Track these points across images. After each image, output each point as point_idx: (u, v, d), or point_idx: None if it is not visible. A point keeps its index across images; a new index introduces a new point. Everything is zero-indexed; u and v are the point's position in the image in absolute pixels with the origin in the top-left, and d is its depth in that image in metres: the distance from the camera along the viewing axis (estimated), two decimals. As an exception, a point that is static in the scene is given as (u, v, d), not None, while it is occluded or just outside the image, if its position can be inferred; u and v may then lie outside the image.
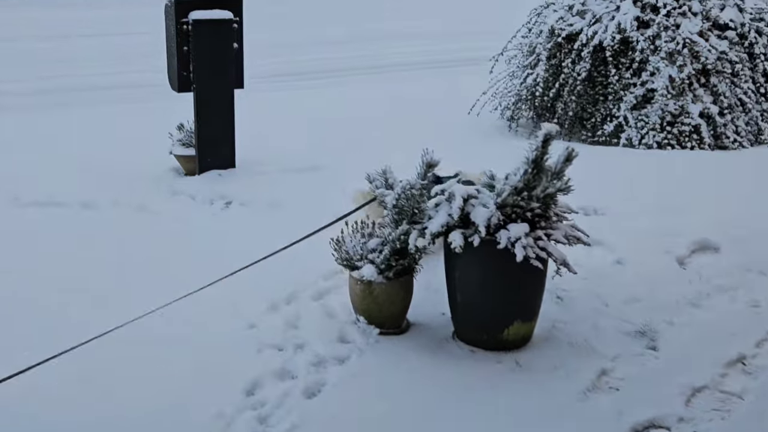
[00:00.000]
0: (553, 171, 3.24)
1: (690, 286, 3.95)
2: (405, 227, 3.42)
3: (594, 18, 6.75)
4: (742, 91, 6.37)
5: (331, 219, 5.20)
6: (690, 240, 4.44)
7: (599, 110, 6.81)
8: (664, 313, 3.69)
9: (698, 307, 3.76)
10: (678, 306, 3.76)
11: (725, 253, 4.32)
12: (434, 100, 8.54)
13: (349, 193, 4.51)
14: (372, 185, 3.74)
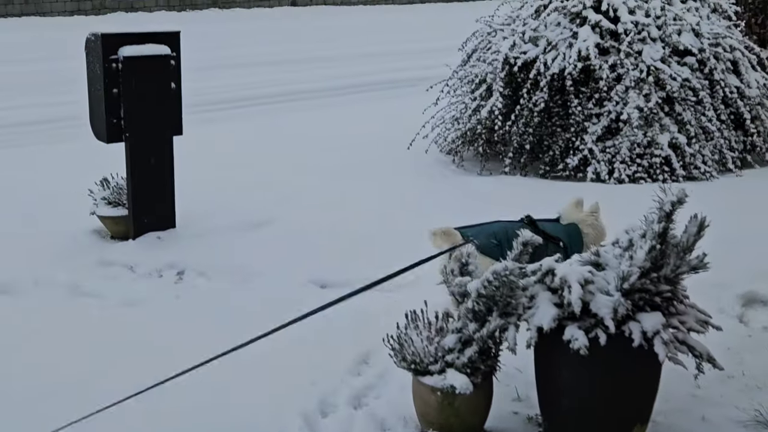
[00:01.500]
0: (683, 245, 2.67)
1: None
2: (499, 321, 2.74)
3: (549, 45, 6.34)
4: (707, 119, 6.14)
5: (314, 288, 4.57)
6: (736, 293, 4.03)
7: (557, 142, 6.40)
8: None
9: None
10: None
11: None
12: (371, 132, 7.92)
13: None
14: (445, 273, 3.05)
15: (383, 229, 5.17)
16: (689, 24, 6.27)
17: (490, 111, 6.36)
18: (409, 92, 9.90)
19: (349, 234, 5.10)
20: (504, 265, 2.71)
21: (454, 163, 6.86)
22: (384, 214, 5.47)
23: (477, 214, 5.47)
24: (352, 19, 19.78)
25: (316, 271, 4.61)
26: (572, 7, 6.40)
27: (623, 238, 2.81)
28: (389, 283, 4.38)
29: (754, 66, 6.54)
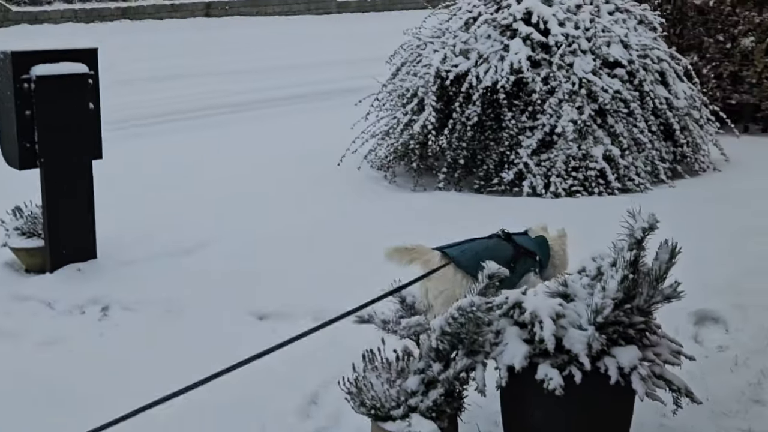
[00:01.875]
0: (655, 274, 2.55)
1: (739, 372, 3.44)
2: (466, 361, 2.56)
3: (480, 58, 6.23)
4: (638, 130, 6.15)
5: (252, 319, 4.30)
6: (687, 312, 3.97)
7: (491, 156, 6.30)
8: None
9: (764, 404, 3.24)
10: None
11: (732, 323, 3.89)
12: (300, 148, 7.70)
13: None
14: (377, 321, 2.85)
15: (319, 253, 4.95)
16: (618, 36, 6.27)
17: (422, 125, 6.21)
18: (335, 105, 9.69)
19: (285, 259, 4.86)
20: (470, 300, 2.53)
21: (387, 180, 6.69)
22: (319, 236, 5.26)
23: (414, 232, 5.33)
24: (270, 30, 19.45)
25: (252, 301, 4.35)
26: (502, 20, 6.32)
27: (590, 266, 2.68)
28: (332, 310, 4.21)
29: (681, 77, 6.59)
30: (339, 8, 24.54)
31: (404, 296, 2.76)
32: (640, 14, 6.78)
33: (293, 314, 4.24)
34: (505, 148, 6.20)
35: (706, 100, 6.82)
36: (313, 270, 4.64)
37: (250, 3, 22.86)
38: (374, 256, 4.74)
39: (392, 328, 2.70)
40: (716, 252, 4.68)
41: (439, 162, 6.48)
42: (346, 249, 5.00)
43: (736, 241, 4.92)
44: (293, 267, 4.74)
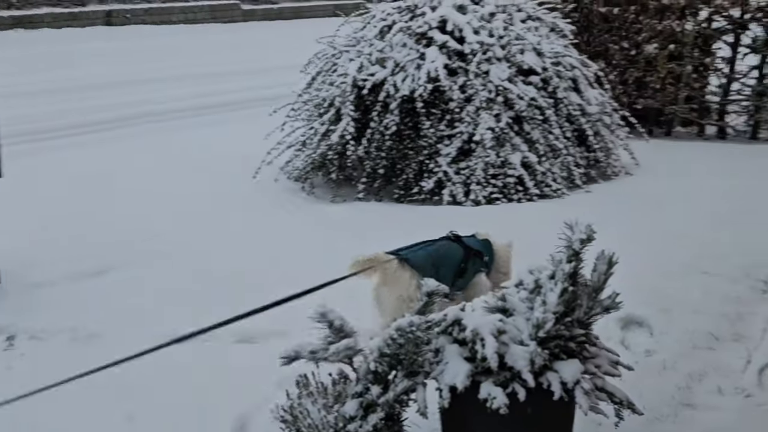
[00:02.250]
0: (594, 285, 2.51)
1: (668, 376, 3.46)
2: (406, 383, 2.46)
3: (397, 66, 6.17)
4: (554, 137, 6.21)
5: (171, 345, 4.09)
6: (614, 316, 3.98)
7: (410, 165, 6.25)
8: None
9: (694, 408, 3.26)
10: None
11: (657, 327, 3.93)
12: (213, 160, 7.45)
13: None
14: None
15: (240, 270, 4.76)
16: (531, 44, 6.32)
17: (341, 135, 6.11)
18: (249, 115, 9.46)
19: (202, 278, 4.66)
20: (409, 320, 2.43)
21: (305, 191, 6.54)
22: (238, 252, 5.08)
23: (336, 243, 5.23)
24: (177, 39, 18.95)
25: (169, 324, 4.13)
26: (417, 28, 6.28)
27: (528, 280, 2.62)
28: (254, 333, 4.06)
29: (592, 83, 6.70)
30: (245, 16, 24.16)
31: (332, 320, 2.63)
32: (551, 22, 6.86)
33: (214, 335, 4.05)
34: (424, 157, 6.16)
35: (617, 105, 6.95)
36: (231, 287, 4.46)
37: (153, 11, 22.26)
38: (293, 269, 4.63)
39: (322, 356, 2.57)
40: (637, 256, 4.73)
41: (358, 172, 6.38)
42: (264, 264, 4.84)
43: (655, 244, 5.00)
44: (210, 286, 4.55)
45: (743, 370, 3.49)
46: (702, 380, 3.43)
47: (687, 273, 4.55)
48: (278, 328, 4.02)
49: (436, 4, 6.41)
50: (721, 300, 4.21)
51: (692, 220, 5.48)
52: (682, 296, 4.27)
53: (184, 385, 3.55)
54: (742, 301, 4.19)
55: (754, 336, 3.80)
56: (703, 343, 3.76)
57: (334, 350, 2.49)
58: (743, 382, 3.39)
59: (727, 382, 3.40)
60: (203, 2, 23.57)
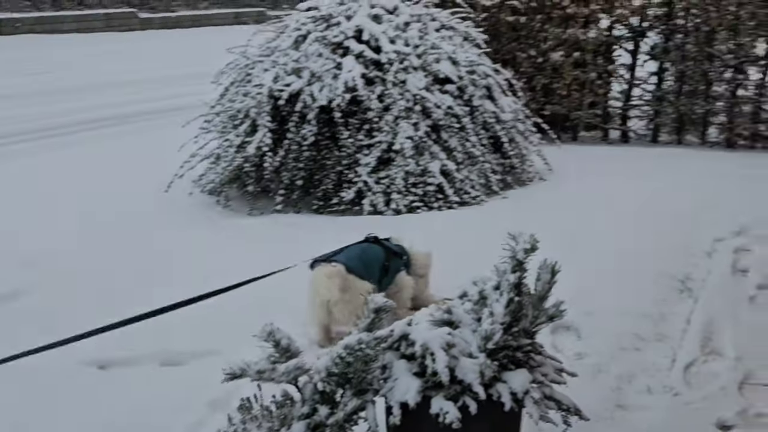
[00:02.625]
0: (539, 294, 2.53)
1: (600, 379, 3.53)
2: (356, 402, 2.41)
3: (313, 76, 6.12)
4: (471, 144, 6.28)
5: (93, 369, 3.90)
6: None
7: (329, 176, 6.20)
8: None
9: (626, 408, 3.34)
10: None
11: (583, 330, 4.00)
12: (124, 174, 7.22)
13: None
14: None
15: (154, 291, 4.58)
16: (446, 52, 6.38)
17: (257, 147, 6.00)
18: (158, 126, 9.21)
19: (115, 300, 4.45)
20: (358, 337, 2.38)
21: (220, 205, 6.39)
22: (151, 271, 4.89)
23: (255, 258, 5.12)
24: (71, 49, 18.28)
25: (88, 349, 3.94)
26: (333, 38, 6.24)
27: (472, 291, 2.62)
28: (180, 355, 3.92)
29: (505, 91, 6.82)
30: (142, 25, 23.57)
31: (279, 339, 2.55)
32: (464, 31, 6.95)
33: (139, 358, 3.91)
34: (343, 167, 6.12)
35: (529, 112, 7.09)
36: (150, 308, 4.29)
37: (44, 20, 21.41)
38: (214, 286, 4.51)
39: (270, 376, 2.49)
40: (558, 259, 4.84)
41: (276, 184, 6.28)
42: (183, 282, 4.69)
43: (574, 247, 5.11)
44: (126, 308, 4.36)
45: (669, 369, 3.60)
46: (632, 381, 3.51)
47: (607, 275, 4.67)
48: (205, 347, 3.91)
49: (351, 14, 6.39)
50: (642, 301, 4.33)
51: (607, 222, 5.63)
52: (604, 298, 4.36)
53: (111, 413, 3.39)
54: (662, 302, 4.32)
55: (676, 335, 3.93)
56: (629, 345, 3.86)
57: (284, 370, 2.42)
58: (670, 381, 3.49)
59: (655, 381, 3.50)
60: (98, 11, 22.86)
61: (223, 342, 3.93)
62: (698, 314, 4.13)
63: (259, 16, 25.94)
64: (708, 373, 3.55)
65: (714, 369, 3.58)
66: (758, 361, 3.61)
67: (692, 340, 3.86)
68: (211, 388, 3.51)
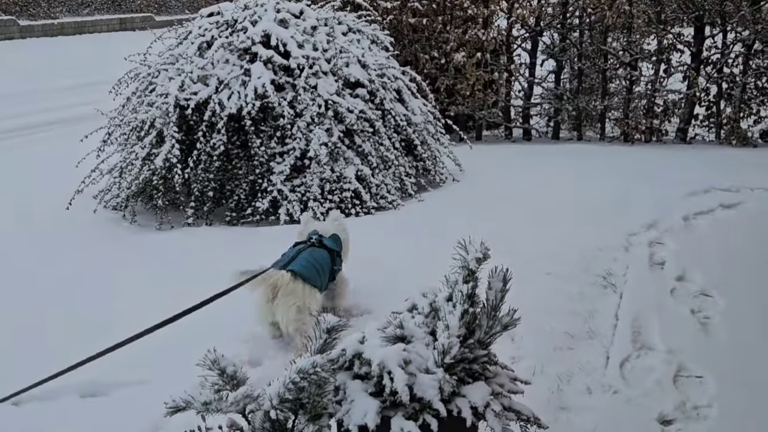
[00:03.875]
0: (492, 303, 2.48)
1: (539, 381, 3.52)
2: (312, 428, 2.29)
3: (221, 84, 5.92)
4: (385, 148, 6.23)
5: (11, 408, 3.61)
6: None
7: (241, 186, 6.01)
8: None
9: (569, 410, 3.34)
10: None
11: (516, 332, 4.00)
12: (17, 190, 6.80)
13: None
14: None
15: (67, 319, 4.31)
16: (355, 56, 6.30)
17: (165, 159, 5.75)
18: (50, 138, 8.72)
19: (25, 331, 4.16)
20: (312, 360, 2.26)
21: (126, 220, 6.10)
22: (60, 297, 4.59)
23: (171, 274, 4.91)
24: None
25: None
26: (240, 44, 6.05)
27: (422, 303, 2.55)
28: (101, 386, 3.68)
29: (415, 93, 6.80)
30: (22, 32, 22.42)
31: (224, 366, 2.40)
32: (371, 34, 6.89)
33: (55, 393, 3.64)
34: (256, 176, 5.94)
35: (438, 114, 7.10)
36: (71, 341, 4.03)
37: None
38: (127, 307, 4.28)
39: (216, 407, 2.34)
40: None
41: (185, 196, 6.04)
42: (96, 305, 4.44)
43: (492, 247, 5.11)
44: (36, 339, 4.08)
45: (605, 367, 3.64)
46: (570, 381, 3.53)
47: (530, 274, 4.68)
48: (128, 377, 3.69)
49: (257, 19, 6.22)
50: (568, 298, 4.38)
51: (522, 219, 5.69)
52: (530, 298, 4.33)
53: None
54: (587, 298, 4.38)
55: (606, 332, 3.98)
56: (562, 344, 3.88)
57: (233, 400, 2.27)
58: (608, 379, 3.52)
59: (593, 380, 3.52)
60: (-29, 18, 21.63)
61: (149, 371, 3.72)
62: (625, 309, 4.21)
63: (145, 22, 25.18)
64: (643, 369, 3.60)
65: (648, 364, 3.64)
66: (688, 353, 3.70)
67: (623, 335, 3.92)
68: (138, 420, 3.33)
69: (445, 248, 5.01)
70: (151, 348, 3.86)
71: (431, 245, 5.15)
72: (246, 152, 6.00)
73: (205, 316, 4.14)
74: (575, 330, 4.01)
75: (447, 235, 5.30)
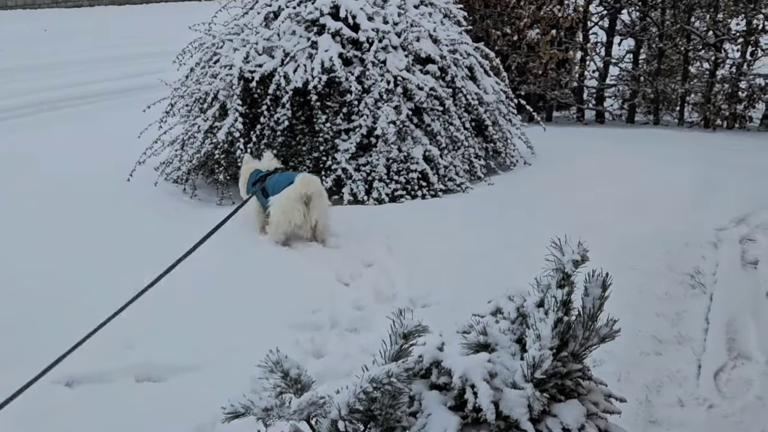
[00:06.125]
0: (589, 312, 2.20)
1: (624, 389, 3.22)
2: (384, 446, 2.05)
3: (287, 56, 5.68)
4: (455, 128, 5.93)
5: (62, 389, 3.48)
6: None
7: (304, 163, 5.79)
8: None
9: (660, 424, 3.04)
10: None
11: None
12: (81, 162, 6.72)
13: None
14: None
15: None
16: (427, 30, 5.99)
17: (228, 132, 5.56)
18: (114, 107, 8.66)
19: (85, 305, 4.02)
20: (387, 369, 2.02)
21: (186, 194, 5.96)
22: (121, 272, 4.42)
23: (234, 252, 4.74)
24: (17, 26, 17.42)
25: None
26: (308, 15, 5.80)
27: (508, 308, 2.28)
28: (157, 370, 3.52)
29: (487, 71, 6.47)
30: (91, 1, 22.64)
31: (287, 369, 2.18)
32: (444, 8, 6.56)
33: (109, 376, 3.49)
34: (320, 153, 5.72)
35: (511, 93, 6.75)
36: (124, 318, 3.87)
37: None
38: (195, 288, 4.11)
39: (278, 413, 2.11)
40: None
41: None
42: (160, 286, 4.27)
43: (571, 237, 4.81)
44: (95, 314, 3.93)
45: (697, 377, 3.32)
46: (660, 391, 3.23)
47: (613, 269, 4.34)
48: (185, 362, 3.52)
49: (327, -12, 5.95)
50: (654, 298, 4.06)
51: (601, 209, 5.35)
52: (613, 295, 4.05)
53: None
54: (675, 298, 4.06)
55: (697, 337, 3.65)
56: (649, 348, 3.57)
57: (297, 407, 2.04)
58: (701, 391, 3.21)
59: (685, 392, 3.22)
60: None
61: (201, 355, 3.55)
62: (716, 312, 3.87)
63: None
64: (740, 381, 3.28)
65: (745, 375, 3.31)
66: (791, 365, 3.36)
67: (715, 342, 3.59)
68: (196, 409, 3.16)
69: (518, 238, 4.74)
70: (206, 332, 3.71)
71: (503, 234, 4.88)
72: (310, 128, 5.77)
73: (260, 301, 3.97)
74: (663, 333, 3.70)
75: (520, 223, 5.07)
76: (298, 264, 4.46)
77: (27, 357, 3.36)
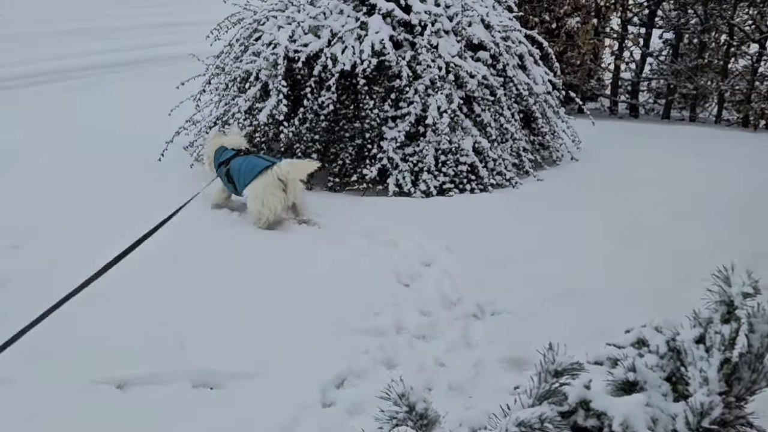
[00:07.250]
0: (756, 351, 1.95)
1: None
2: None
3: (334, 37, 5.38)
4: (506, 119, 5.65)
5: (113, 391, 3.22)
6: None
7: (347, 150, 5.52)
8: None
9: None
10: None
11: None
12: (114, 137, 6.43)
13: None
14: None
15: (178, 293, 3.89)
16: (479, 15, 5.70)
17: (270, 114, 5.27)
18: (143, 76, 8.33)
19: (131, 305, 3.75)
20: (539, 412, 1.77)
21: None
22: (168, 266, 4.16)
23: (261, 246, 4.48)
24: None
25: (102, 363, 3.27)
26: (357, -7, 5.51)
27: (656, 341, 2.02)
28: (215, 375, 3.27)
29: (537, 61, 6.19)
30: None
31: (414, 402, 1.92)
32: (494, -8, 6.26)
33: (163, 377, 3.24)
34: (364, 140, 5.44)
35: (560, 84, 6.47)
36: (174, 316, 3.62)
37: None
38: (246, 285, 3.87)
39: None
40: (619, 258, 4.32)
41: (288, 157, 5.57)
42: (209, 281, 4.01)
43: (635, 242, 4.58)
44: (144, 312, 3.67)
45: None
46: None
47: (688, 280, 4.13)
48: (242, 368, 3.27)
49: (378, -34, 5.64)
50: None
51: (661, 212, 5.10)
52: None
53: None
54: None
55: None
56: None
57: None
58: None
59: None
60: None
61: (259, 360, 3.30)
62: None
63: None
64: None
65: None
66: None
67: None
68: (261, 419, 2.92)
69: (575, 240, 4.48)
70: (265, 337, 3.46)
71: (561, 235, 4.63)
72: (356, 113, 5.48)
73: (315, 302, 3.73)
74: None
75: (572, 222, 4.82)
76: (353, 263, 4.20)
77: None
